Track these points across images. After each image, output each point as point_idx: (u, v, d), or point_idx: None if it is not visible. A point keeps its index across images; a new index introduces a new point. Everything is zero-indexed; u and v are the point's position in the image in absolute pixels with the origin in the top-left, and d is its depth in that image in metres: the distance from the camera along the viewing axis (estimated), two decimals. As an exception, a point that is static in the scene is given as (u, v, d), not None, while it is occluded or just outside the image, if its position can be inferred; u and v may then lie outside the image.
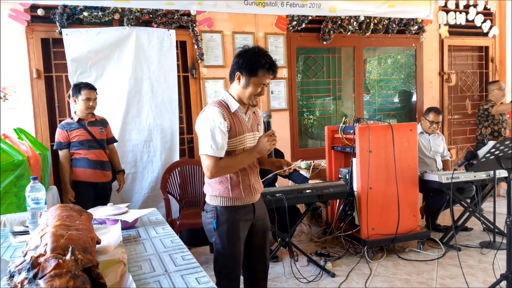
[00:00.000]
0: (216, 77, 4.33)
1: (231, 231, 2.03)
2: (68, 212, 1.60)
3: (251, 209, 2.10)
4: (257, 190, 2.12)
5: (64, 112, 3.93)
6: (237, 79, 1.95)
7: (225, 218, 2.02)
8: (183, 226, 3.41)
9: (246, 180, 2.05)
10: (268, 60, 1.91)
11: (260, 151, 1.96)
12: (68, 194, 3.31)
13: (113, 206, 2.22)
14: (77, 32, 3.77)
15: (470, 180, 3.69)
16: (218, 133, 1.88)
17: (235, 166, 1.98)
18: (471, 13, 5.51)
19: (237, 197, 2.03)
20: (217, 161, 1.90)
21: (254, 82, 1.92)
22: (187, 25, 4.16)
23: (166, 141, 4.15)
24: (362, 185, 3.49)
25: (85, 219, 1.65)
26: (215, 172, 1.92)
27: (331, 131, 4.07)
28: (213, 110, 1.91)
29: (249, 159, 2.00)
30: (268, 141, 1.93)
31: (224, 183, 2.02)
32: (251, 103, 2.00)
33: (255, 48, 1.96)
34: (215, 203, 2.04)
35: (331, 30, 4.71)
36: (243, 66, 1.91)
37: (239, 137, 1.98)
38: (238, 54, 1.96)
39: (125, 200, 4.02)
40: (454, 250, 3.72)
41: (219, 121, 1.88)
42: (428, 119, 4.30)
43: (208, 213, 2.07)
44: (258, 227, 2.16)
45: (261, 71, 1.91)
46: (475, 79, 5.84)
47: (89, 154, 3.32)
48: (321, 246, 3.90)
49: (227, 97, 2.00)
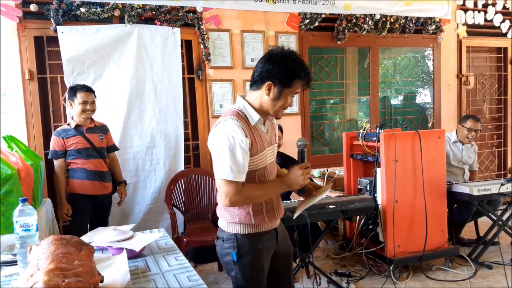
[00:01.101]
0: (223, 79, 4.01)
1: (255, 263, 1.72)
2: (64, 248, 1.28)
3: (274, 234, 1.81)
4: (280, 214, 1.82)
5: (59, 117, 3.59)
6: (266, 89, 1.61)
7: (248, 248, 1.70)
8: (191, 244, 3.09)
9: (269, 203, 1.74)
10: (306, 70, 1.62)
11: (291, 185, 1.65)
12: (63, 209, 2.98)
13: (116, 230, 1.89)
14: (73, 29, 3.45)
15: (502, 192, 3.39)
16: (239, 153, 1.55)
17: (260, 197, 1.67)
18: (490, 13, 5.24)
19: (260, 223, 1.72)
20: (239, 187, 1.57)
21: (287, 94, 1.63)
22: (192, 22, 3.84)
23: (170, 148, 3.83)
24: (387, 198, 3.19)
25: (86, 256, 1.33)
26: (236, 200, 1.58)
27: (350, 137, 3.76)
28: (232, 125, 1.58)
29: (277, 191, 1.71)
30: (303, 174, 1.62)
31: (244, 208, 1.70)
32: (277, 115, 1.70)
33: (291, 54, 1.62)
34: (234, 230, 1.71)
35: (345, 29, 4.42)
36: (278, 76, 1.58)
37: (260, 155, 1.66)
38: (269, 59, 1.61)
39: (126, 212, 3.70)
40: (485, 268, 3.43)
41: (240, 139, 1.55)
42: (466, 126, 3.94)
43: (225, 242, 1.74)
44: (281, 252, 1.86)
45: (297, 83, 1.62)
46: (493, 81, 5.56)
47: (87, 164, 3.00)
48: (340, 264, 3.59)
49: (246, 107, 1.66)
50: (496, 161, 5.66)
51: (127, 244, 1.76)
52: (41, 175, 2.92)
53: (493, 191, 3.35)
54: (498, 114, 5.60)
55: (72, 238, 1.37)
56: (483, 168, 5.52)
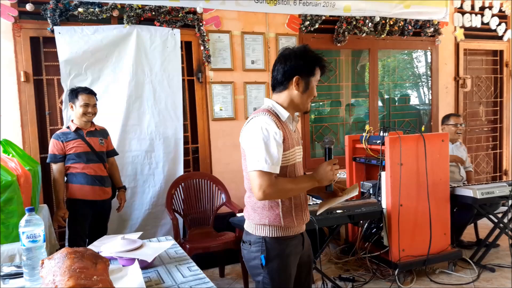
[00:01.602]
0: (224, 81, 3.95)
1: (283, 268, 1.69)
2: (80, 262, 1.21)
3: (301, 240, 1.79)
4: (307, 218, 1.81)
5: (55, 120, 3.49)
6: (295, 84, 1.68)
7: (277, 252, 1.68)
8: (194, 251, 3.01)
9: (298, 205, 1.73)
10: (320, 55, 1.72)
11: (320, 180, 1.65)
12: (60, 212, 2.88)
13: (125, 239, 1.82)
14: (71, 30, 3.35)
15: (505, 195, 3.39)
16: (274, 145, 1.58)
17: (292, 191, 1.66)
18: (487, 16, 5.27)
19: (289, 226, 1.70)
20: (272, 179, 1.57)
21: (313, 83, 1.71)
22: (192, 24, 3.77)
23: (170, 152, 3.75)
24: (392, 202, 3.16)
25: (102, 270, 1.26)
26: (270, 192, 1.56)
27: (352, 140, 3.73)
28: (265, 119, 1.62)
29: (308, 186, 1.68)
30: (332, 170, 1.64)
31: (274, 209, 1.68)
32: (307, 108, 1.76)
33: (304, 47, 1.72)
34: (263, 233, 1.69)
35: (345, 31, 4.39)
36: (302, 68, 1.67)
37: (291, 150, 1.68)
38: (287, 58, 1.68)
39: (124, 218, 3.62)
40: (487, 271, 3.42)
41: (274, 131, 1.59)
42: (451, 124, 4.08)
43: (252, 245, 1.71)
44: (304, 261, 1.83)
45: (317, 70, 1.71)
46: (489, 84, 5.59)
47: (87, 169, 2.92)
48: (343, 269, 3.55)
49: (275, 105, 1.72)
50: (492, 163, 5.69)
51: (138, 254, 1.69)
52: (39, 181, 2.83)
53: (496, 194, 3.35)
54: (494, 116, 5.63)
55: (86, 251, 1.30)
56: (479, 170, 5.55)
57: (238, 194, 3.78)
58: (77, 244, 2.91)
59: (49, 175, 3.38)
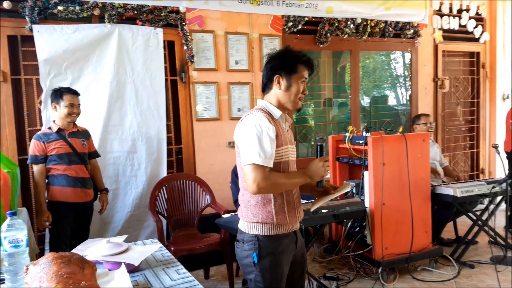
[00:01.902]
0: (207, 82, 3.92)
1: (275, 266, 1.70)
2: (67, 267, 1.18)
3: (294, 238, 1.80)
4: (301, 216, 1.82)
5: (34, 121, 3.40)
6: (277, 83, 1.74)
7: (269, 250, 1.69)
8: (180, 253, 2.98)
9: (291, 202, 1.75)
10: (304, 54, 1.78)
11: (312, 176, 1.69)
12: (44, 216, 2.83)
13: (110, 242, 1.78)
14: (50, 28, 3.27)
15: (483, 193, 3.48)
16: (267, 140, 1.62)
17: (285, 185, 1.68)
18: (464, 18, 5.40)
19: (281, 223, 1.71)
20: (266, 172, 1.60)
21: (296, 80, 1.73)
22: (175, 23, 3.74)
23: (152, 152, 3.70)
24: (375, 201, 3.20)
25: (89, 275, 1.24)
26: (264, 186, 1.59)
27: (336, 141, 3.76)
28: (258, 115, 1.68)
29: (300, 181, 1.71)
30: (323, 166, 1.68)
31: (267, 206, 1.69)
32: (296, 106, 1.77)
33: (285, 47, 1.82)
34: (256, 231, 1.70)
35: (328, 33, 4.43)
36: (280, 66, 1.73)
37: (284, 147, 1.71)
38: (270, 59, 1.78)
39: (105, 220, 3.55)
40: (467, 267, 3.51)
41: (267, 126, 1.64)
42: (421, 123, 4.19)
43: (245, 244, 1.72)
44: (297, 260, 1.84)
45: (300, 66, 1.74)
46: (467, 85, 5.73)
47: (68, 170, 2.87)
48: (327, 268, 3.58)
49: (267, 105, 1.77)
50: (469, 162, 5.84)
51: (125, 258, 1.66)
52: (18, 184, 2.75)
53: (475, 192, 3.44)
54: (471, 116, 5.78)
55: (73, 256, 1.27)
56: (458, 169, 5.68)
57: (223, 195, 3.77)
58: (59, 247, 2.85)
59: (28, 178, 3.31)
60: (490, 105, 5.74)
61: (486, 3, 5.57)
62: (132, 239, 3.46)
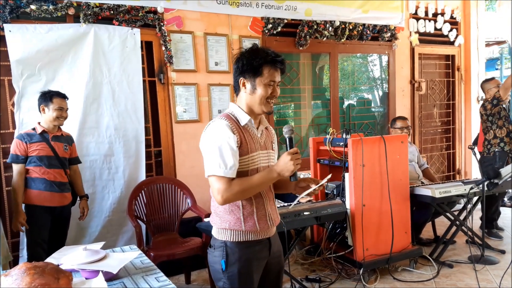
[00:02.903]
0: (187, 83, 3.86)
1: (244, 273, 1.64)
2: (40, 277, 1.12)
3: (267, 244, 1.73)
4: (274, 222, 1.75)
5: (6, 122, 3.27)
6: (242, 86, 1.66)
7: (237, 257, 1.64)
8: (159, 258, 2.91)
9: (261, 209, 1.68)
10: (269, 53, 1.64)
11: (281, 172, 1.57)
12: (20, 217, 2.75)
13: (87, 249, 1.72)
14: (23, 28, 3.16)
15: (461, 193, 3.54)
16: (227, 150, 1.56)
17: (252, 189, 1.60)
18: (439, 22, 5.52)
19: (250, 230, 1.65)
20: (229, 182, 1.55)
21: (261, 82, 1.62)
22: (153, 23, 3.67)
23: (130, 155, 3.62)
24: (356, 202, 3.21)
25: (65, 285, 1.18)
26: (228, 196, 1.55)
27: (316, 142, 3.77)
28: (219, 124, 1.61)
29: (268, 181, 1.63)
30: (292, 160, 1.54)
31: (235, 213, 1.64)
32: (265, 109, 1.65)
33: (251, 46, 1.69)
34: (224, 237, 1.65)
35: (307, 35, 4.44)
36: (244, 68, 1.63)
37: (251, 155, 1.63)
38: (236, 59, 1.68)
39: (82, 226, 3.45)
40: (446, 267, 3.56)
41: (227, 136, 1.58)
42: (397, 127, 4.14)
43: (215, 250, 1.67)
44: (272, 266, 1.78)
45: (265, 68, 1.61)
46: (443, 87, 5.85)
47: (47, 174, 2.83)
48: (309, 269, 3.57)
49: (235, 110, 1.69)
50: (446, 162, 5.95)
51: (103, 266, 1.60)
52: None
53: (453, 193, 3.49)
54: (447, 118, 5.91)
55: (47, 266, 1.21)
56: (435, 169, 5.79)
57: (204, 198, 3.70)
58: (36, 253, 2.78)
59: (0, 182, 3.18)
60: (465, 107, 5.88)
61: (460, 7, 5.71)
62: (111, 245, 3.38)
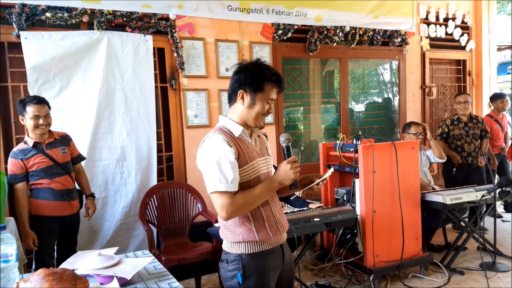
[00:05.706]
0: (198, 89, 3.91)
1: (261, 285, 1.65)
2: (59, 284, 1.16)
3: (280, 253, 1.75)
4: (284, 227, 1.77)
5: (21, 128, 3.33)
6: (240, 98, 1.64)
7: (253, 269, 1.64)
8: (170, 263, 2.94)
9: (270, 216, 1.69)
10: (273, 72, 1.66)
11: (282, 181, 1.60)
12: (29, 239, 2.69)
13: (102, 255, 1.75)
14: (38, 35, 3.23)
15: (472, 200, 3.52)
16: (226, 164, 1.56)
17: (255, 200, 1.61)
18: (450, 26, 5.50)
19: (264, 239, 1.66)
20: (232, 197, 1.55)
21: (261, 99, 1.64)
22: (165, 30, 3.72)
23: (142, 160, 3.67)
24: (366, 209, 3.21)
25: (82, 291, 1.20)
26: (233, 211, 1.55)
27: (326, 148, 3.78)
28: (214, 139, 1.61)
29: (270, 190, 1.65)
30: (292, 168, 1.57)
31: (246, 225, 1.65)
32: (258, 124, 1.68)
33: (256, 61, 1.69)
34: (239, 251, 1.65)
35: (317, 41, 4.45)
36: (247, 82, 1.62)
37: (251, 164, 1.64)
38: (237, 70, 1.67)
39: (94, 230, 3.50)
40: (457, 274, 3.53)
41: (224, 149, 1.58)
42: (412, 133, 4.11)
43: (229, 264, 1.67)
44: (284, 276, 1.79)
45: (267, 85, 1.64)
46: (454, 92, 5.82)
47: (53, 184, 2.77)
48: (319, 275, 3.57)
49: (227, 122, 1.69)
50: (457, 168, 5.89)
51: (117, 271, 1.63)
52: (5, 193, 2.68)
53: (464, 199, 3.47)
54: (458, 123, 5.85)
55: (64, 272, 1.25)
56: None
57: (214, 203, 3.74)
58: (44, 260, 2.76)
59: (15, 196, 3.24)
60: (477, 112, 5.83)
61: (471, 12, 5.68)
62: (122, 248, 3.42)
